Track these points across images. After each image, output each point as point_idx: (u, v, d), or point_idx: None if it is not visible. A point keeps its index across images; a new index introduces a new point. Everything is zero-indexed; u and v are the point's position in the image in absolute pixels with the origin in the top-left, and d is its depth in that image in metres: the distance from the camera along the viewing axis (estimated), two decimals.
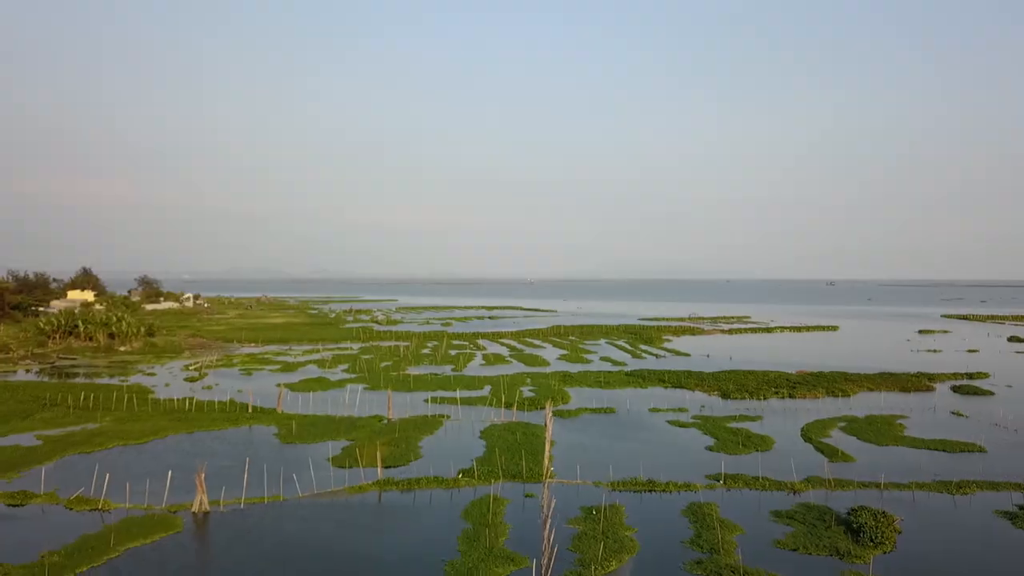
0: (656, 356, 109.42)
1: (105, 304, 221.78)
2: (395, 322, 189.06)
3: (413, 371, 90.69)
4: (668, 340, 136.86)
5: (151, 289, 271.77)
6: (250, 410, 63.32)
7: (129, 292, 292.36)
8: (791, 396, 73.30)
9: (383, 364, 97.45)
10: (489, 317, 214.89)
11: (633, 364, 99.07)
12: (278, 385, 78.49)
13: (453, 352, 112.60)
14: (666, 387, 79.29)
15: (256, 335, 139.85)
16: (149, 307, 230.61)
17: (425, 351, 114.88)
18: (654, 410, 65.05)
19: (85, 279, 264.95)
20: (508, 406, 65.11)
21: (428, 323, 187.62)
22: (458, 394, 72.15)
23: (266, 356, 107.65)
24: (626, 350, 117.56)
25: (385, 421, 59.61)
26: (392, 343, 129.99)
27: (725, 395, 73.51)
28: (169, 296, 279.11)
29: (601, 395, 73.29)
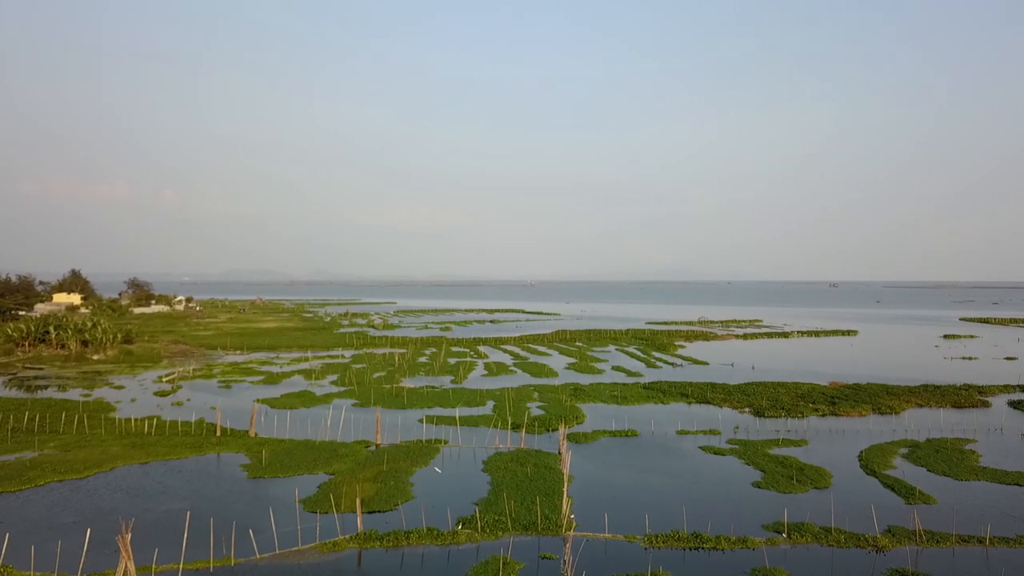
0: (672, 365, 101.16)
1: (91, 308, 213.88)
2: (392, 327, 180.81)
3: (408, 383, 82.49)
4: (681, 346, 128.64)
5: (141, 292, 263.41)
6: (219, 433, 55.12)
7: (120, 295, 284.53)
8: (833, 413, 65.06)
9: (376, 375, 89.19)
10: (490, 321, 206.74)
11: (649, 375, 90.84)
12: (256, 401, 70.35)
13: (452, 361, 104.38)
14: (690, 403, 71.03)
15: (243, 341, 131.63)
16: (137, 311, 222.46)
17: (422, 359, 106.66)
18: (682, 432, 56.81)
19: (73, 281, 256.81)
20: (515, 428, 56.90)
21: (427, 327, 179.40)
22: (457, 412, 63.92)
23: (250, 365, 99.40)
24: (639, 358, 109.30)
25: (372, 447, 51.40)
26: (387, 350, 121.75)
27: (758, 413, 65.23)
28: (161, 299, 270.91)
29: (619, 413, 65.06)
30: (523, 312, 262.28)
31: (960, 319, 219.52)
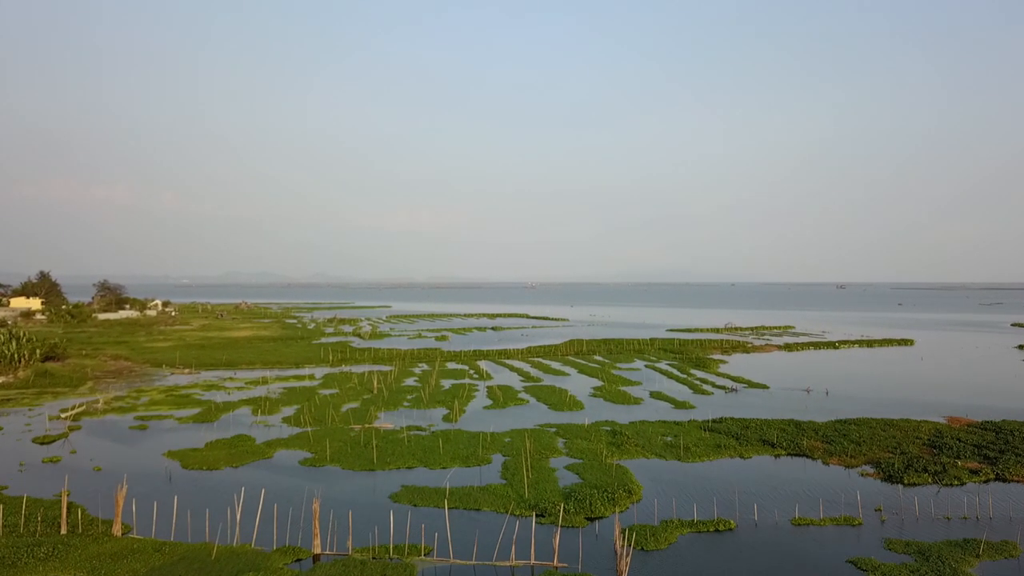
0: (724, 389, 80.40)
1: (48, 313, 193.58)
2: (381, 335, 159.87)
3: (385, 420, 61.84)
4: (722, 361, 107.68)
5: (111, 295, 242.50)
6: (64, 530, 34.49)
7: (93, 299, 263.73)
8: (1000, 477, 44.38)
9: (345, 407, 68.51)
10: (492, 328, 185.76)
11: (701, 405, 70.13)
12: (165, 455, 49.76)
13: (446, 384, 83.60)
14: (778, 455, 50.35)
15: (200, 356, 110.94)
16: (103, 316, 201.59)
17: (409, 381, 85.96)
18: (801, 522, 36.14)
19: (37, 285, 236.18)
20: (541, 515, 36.28)
21: (420, 336, 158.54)
22: (449, 478, 43.29)
23: (191, 391, 78.69)
24: (677, 378, 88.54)
25: (307, 562, 30.79)
26: (369, 367, 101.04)
27: (890, 476, 44.50)
28: (134, 303, 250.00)
29: (685, 477, 44.44)
30: (527, 317, 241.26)
31: (1012, 324, 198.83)
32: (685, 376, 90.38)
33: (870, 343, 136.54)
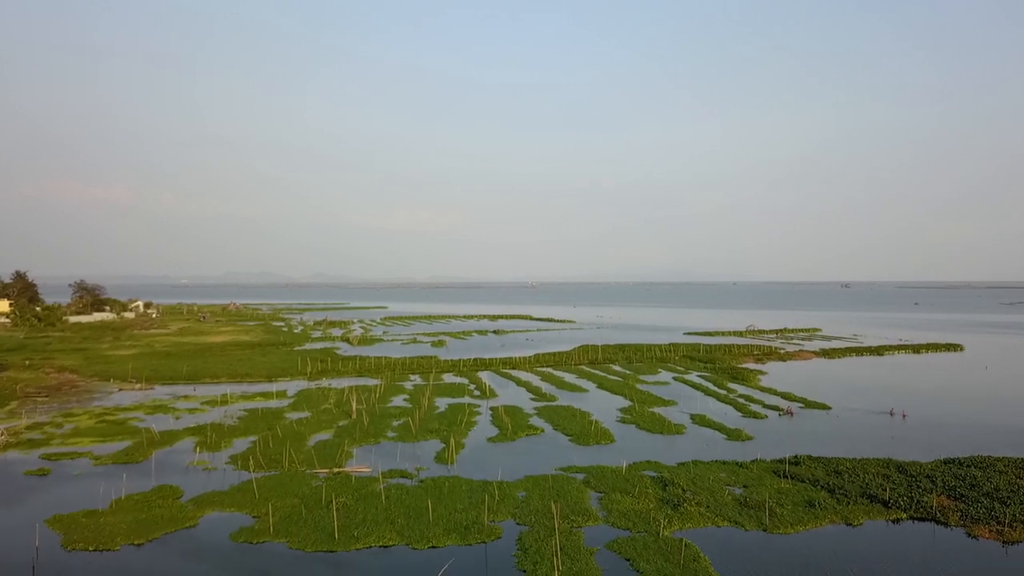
0: (777, 410, 66.43)
1: (14, 316, 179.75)
2: (372, 340, 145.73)
3: (360, 460, 47.99)
4: (760, 372, 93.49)
5: (88, 296, 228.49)
6: None
7: (72, 300, 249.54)
8: None
9: (314, 438, 54.69)
10: (493, 331, 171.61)
11: (758, 433, 56.24)
12: (44, 524, 35.88)
13: (442, 404, 69.63)
14: (895, 518, 36.46)
15: (162, 366, 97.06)
16: (75, 319, 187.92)
17: (398, 400, 72.04)
18: None
19: (9, 286, 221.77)
20: None
21: (415, 341, 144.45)
22: (443, 574, 29.36)
23: (130, 415, 64.79)
24: (717, 396, 74.59)
25: None
26: (352, 380, 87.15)
27: None
28: (114, 305, 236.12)
29: (783, 562, 30.64)
30: (530, 319, 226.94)
31: None
32: (725, 392, 76.45)
33: (915, 348, 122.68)
